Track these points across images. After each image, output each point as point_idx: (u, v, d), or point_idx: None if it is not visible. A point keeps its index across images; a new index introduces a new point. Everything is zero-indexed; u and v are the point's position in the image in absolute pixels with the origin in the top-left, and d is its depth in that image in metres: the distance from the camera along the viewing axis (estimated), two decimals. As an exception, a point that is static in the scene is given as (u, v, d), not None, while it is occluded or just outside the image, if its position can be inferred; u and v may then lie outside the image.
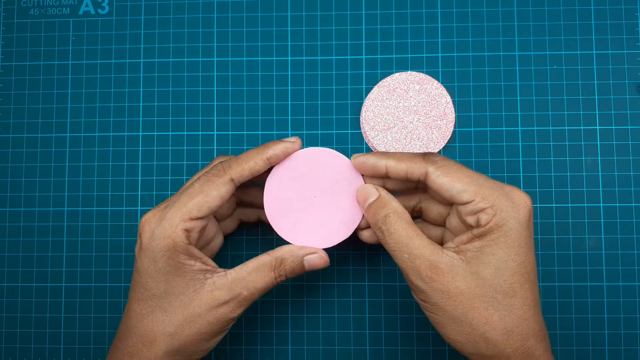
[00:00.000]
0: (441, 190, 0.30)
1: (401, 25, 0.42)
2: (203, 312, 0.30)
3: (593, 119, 0.41)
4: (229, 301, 0.31)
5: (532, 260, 0.30)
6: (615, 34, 0.41)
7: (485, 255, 0.29)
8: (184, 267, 0.30)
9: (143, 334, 0.31)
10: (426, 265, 0.29)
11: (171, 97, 0.42)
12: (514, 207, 0.29)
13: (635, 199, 0.40)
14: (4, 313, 0.41)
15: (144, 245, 0.31)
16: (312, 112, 0.41)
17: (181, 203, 0.31)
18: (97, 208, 0.41)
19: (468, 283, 0.29)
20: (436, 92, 0.41)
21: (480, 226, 0.29)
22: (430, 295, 0.29)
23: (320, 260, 0.33)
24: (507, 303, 0.29)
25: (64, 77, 0.42)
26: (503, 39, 0.41)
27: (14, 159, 0.42)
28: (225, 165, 0.32)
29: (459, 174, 0.30)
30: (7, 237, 0.41)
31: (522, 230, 0.29)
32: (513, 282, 0.29)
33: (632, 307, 0.39)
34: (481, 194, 0.29)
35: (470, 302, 0.29)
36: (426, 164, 0.31)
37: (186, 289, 0.31)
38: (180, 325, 0.30)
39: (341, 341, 0.40)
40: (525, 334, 0.29)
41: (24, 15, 0.43)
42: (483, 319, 0.29)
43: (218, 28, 0.42)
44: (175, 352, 0.31)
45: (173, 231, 0.30)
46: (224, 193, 0.31)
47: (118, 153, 0.42)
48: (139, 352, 0.31)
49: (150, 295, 0.31)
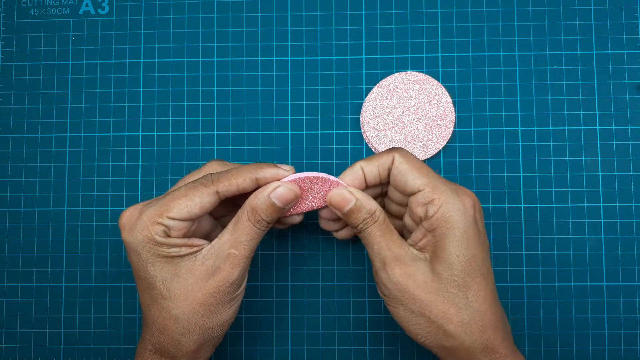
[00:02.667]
0: (399, 175, 0.32)
1: (401, 25, 0.42)
2: (201, 285, 0.31)
3: (593, 119, 0.41)
4: (221, 266, 0.31)
5: (482, 255, 0.31)
6: (615, 34, 0.41)
7: (439, 250, 0.31)
8: (168, 254, 0.31)
9: (155, 323, 0.31)
10: (391, 257, 0.31)
11: (171, 97, 0.42)
12: (461, 202, 0.31)
13: (635, 199, 0.40)
14: (4, 313, 0.41)
15: (125, 239, 0.31)
16: (312, 112, 0.41)
17: (163, 202, 0.31)
18: (97, 208, 0.41)
19: (425, 277, 0.31)
20: (436, 92, 0.41)
21: (428, 217, 0.31)
22: (390, 288, 0.31)
23: (287, 190, 0.32)
24: (462, 297, 0.30)
25: (64, 77, 0.42)
26: (503, 39, 0.41)
27: (14, 159, 0.42)
28: (214, 177, 0.32)
29: (417, 164, 0.32)
30: (7, 237, 0.41)
31: (468, 224, 0.31)
32: (465, 276, 0.30)
33: (632, 307, 0.39)
34: (431, 185, 0.31)
35: (428, 297, 0.30)
36: (393, 152, 0.33)
37: (178, 270, 0.31)
38: (184, 305, 0.31)
39: (341, 341, 0.40)
40: (482, 326, 0.30)
41: (24, 15, 0.43)
42: (440, 312, 0.30)
43: (218, 28, 0.42)
44: (190, 332, 0.31)
45: (150, 224, 0.30)
46: (206, 202, 0.31)
47: (118, 153, 0.42)
48: (159, 340, 0.32)
49: (147, 285, 0.31)
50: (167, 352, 0.32)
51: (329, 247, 0.41)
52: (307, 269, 0.41)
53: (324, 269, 0.41)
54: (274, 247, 0.41)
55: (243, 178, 0.32)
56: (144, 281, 0.31)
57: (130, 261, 0.32)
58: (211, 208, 0.32)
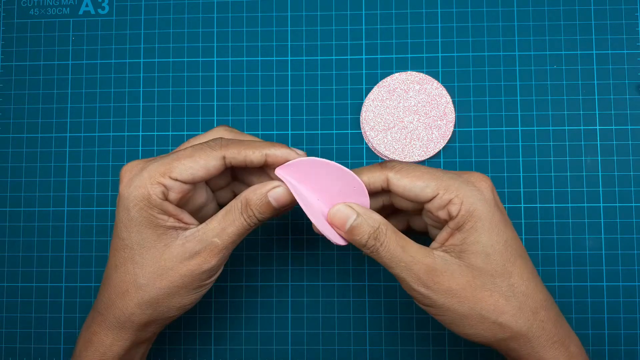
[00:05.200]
0: (405, 192, 0.30)
1: (401, 25, 0.42)
2: (174, 264, 0.30)
3: (593, 119, 0.41)
4: (200, 251, 0.30)
5: (513, 235, 0.30)
6: (615, 34, 0.41)
7: (470, 245, 0.29)
8: (156, 220, 0.30)
9: (116, 285, 0.31)
10: (425, 270, 0.29)
11: (171, 97, 0.42)
12: (477, 190, 0.30)
13: (635, 199, 0.40)
14: (4, 313, 0.41)
15: (121, 192, 0.30)
16: (312, 112, 0.41)
17: (167, 160, 0.30)
18: (97, 208, 0.41)
19: (466, 277, 0.29)
20: (436, 92, 0.41)
21: (453, 217, 0.30)
22: (434, 298, 0.30)
23: (286, 193, 0.31)
24: (507, 284, 0.29)
25: (64, 77, 0.42)
26: (503, 39, 0.41)
27: (14, 159, 0.42)
28: (224, 142, 0.31)
29: (417, 172, 0.30)
30: (7, 237, 0.41)
31: (493, 211, 0.30)
32: (505, 262, 0.30)
33: (632, 307, 0.39)
34: (443, 186, 0.30)
35: (474, 294, 0.29)
36: (385, 171, 0.31)
37: (157, 242, 0.30)
38: (152, 278, 0.30)
39: (341, 341, 0.40)
40: (534, 308, 0.30)
41: (24, 15, 0.43)
42: (491, 306, 0.29)
43: (218, 28, 0.42)
44: (147, 305, 0.30)
45: (150, 182, 0.30)
46: (211, 166, 0.30)
47: (118, 153, 0.42)
48: (113, 303, 0.31)
49: (123, 245, 0.31)
50: (117, 319, 0.31)
51: (328, 247, 0.41)
52: (307, 269, 0.41)
53: (324, 269, 0.41)
54: (274, 247, 0.41)
55: (253, 150, 0.31)
56: (122, 240, 0.31)
57: (117, 216, 0.31)
58: (216, 173, 0.31)
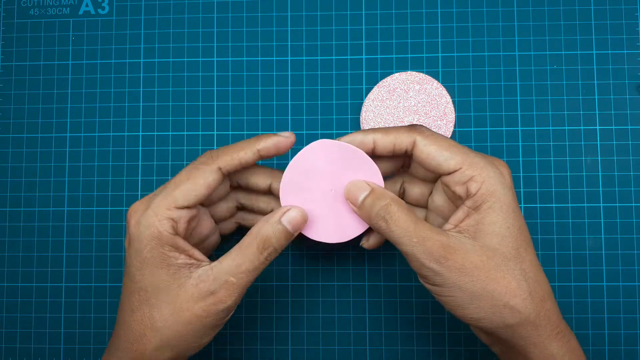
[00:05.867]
0: (428, 159, 0.30)
1: (401, 25, 0.42)
2: (190, 305, 0.30)
3: (593, 119, 0.41)
4: (215, 291, 0.30)
5: (525, 224, 0.30)
6: (615, 34, 0.41)
7: (487, 225, 0.29)
8: (168, 259, 0.30)
9: (133, 329, 0.30)
10: (438, 245, 0.29)
11: (171, 97, 0.42)
12: (500, 174, 0.30)
13: (635, 199, 0.40)
14: (4, 313, 0.41)
15: (131, 234, 0.30)
16: (312, 112, 0.41)
17: (167, 191, 0.30)
18: (97, 208, 0.41)
19: (480, 256, 0.29)
20: (436, 92, 0.41)
21: (471, 195, 0.29)
22: (446, 276, 0.29)
23: (299, 215, 0.31)
24: (519, 269, 0.29)
25: (64, 77, 0.42)
26: (503, 39, 0.41)
27: (14, 159, 0.42)
28: (213, 154, 0.31)
29: (446, 143, 0.30)
30: (7, 237, 0.41)
31: (511, 196, 0.30)
32: (518, 246, 0.29)
33: (632, 307, 0.39)
34: (468, 161, 0.30)
35: (487, 274, 0.29)
36: (413, 133, 0.31)
37: (171, 282, 0.30)
38: (168, 320, 0.30)
39: (341, 341, 0.40)
40: (542, 296, 0.29)
41: (24, 15, 0.43)
42: (503, 288, 0.29)
43: (218, 28, 0.42)
44: (166, 347, 0.30)
45: (158, 220, 0.29)
46: (210, 181, 0.30)
47: (118, 153, 0.42)
48: (130, 347, 0.30)
49: (137, 288, 0.30)
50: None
51: (328, 247, 0.41)
52: (307, 269, 0.41)
53: (324, 269, 0.41)
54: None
55: (244, 151, 0.31)
56: (135, 284, 0.30)
57: (128, 259, 0.31)
58: (216, 186, 0.31)
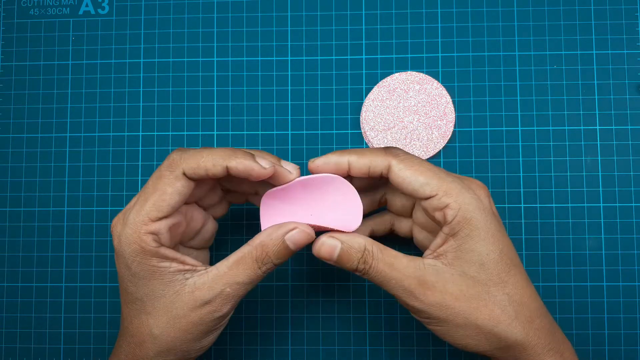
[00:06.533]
0: (404, 184, 0.30)
1: (401, 25, 0.42)
2: (185, 313, 0.29)
3: (593, 119, 0.41)
4: (211, 300, 0.29)
5: (509, 244, 0.30)
6: (615, 34, 0.41)
7: (465, 253, 0.29)
8: (159, 270, 0.29)
9: (133, 335, 0.30)
10: (415, 283, 0.29)
11: (171, 97, 0.42)
12: (477, 198, 0.30)
13: (635, 199, 0.40)
14: (4, 313, 0.41)
15: (116, 250, 0.30)
16: (312, 112, 0.41)
17: (139, 206, 0.29)
18: (97, 208, 0.41)
19: (459, 286, 0.29)
20: (436, 92, 0.41)
21: (448, 222, 0.29)
22: (429, 311, 0.29)
23: (303, 235, 0.30)
24: (502, 294, 0.29)
25: (64, 77, 0.42)
26: (503, 39, 0.41)
27: (14, 159, 0.42)
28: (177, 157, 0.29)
29: (421, 167, 0.30)
30: (7, 237, 0.41)
31: (490, 219, 0.29)
32: (500, 272, 0.29)
33: (632, 307, 0.39)
34: (444, 188, 0.29)
35: (469, 305, 0.29)
36: (388, 157, 0.30)
37: (166, 291, 0.29)
38: (165, 327, 0.30)
39: (341, 341, 0.40)
40: (529, 317, 0.29)
41: (24, 15, 0.43)
42: (486, 316, 0.29)
43: (218, 28, 0.42)
44: (166, 353, 0.30)
45: (138, 237, 0.29)
46: (179, 189, 0.29)
47: (118, 153, 0.42)
48: (133, 353, 0.31)
49: (133, 299, 0.30)
50: None
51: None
52: (307, 269, 0.41)
53: (324, 268, 0.41)
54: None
55: (213, 163, 0.29)
56: (130, 295, 0.30)
57: (119, 272, 0.30)
58: (188, 191, 0.29)
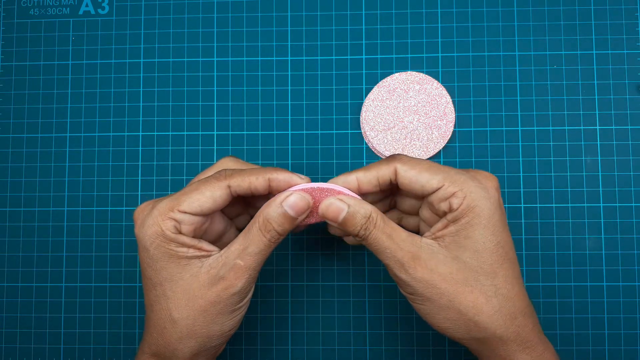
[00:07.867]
0: (411, 183, 0.31)
1: (401, 25, 0.42)
2: (203, 292, 0.30)
3: (593, 119, 0.41)
4: (224, 275, 0.30)
5: (508, 239, 0.30)
6: (615, 34, 0.41)
7: (462, 238, 0.30)
8: (176, 253, 0.30)
9: (155, 323, 0.31)
10: (408, 257, 0.30)
11: (171, 97, 0.42)
12: (483, 188, 0.30)
13: (635, 199, 0.40)
14: (4, 313, 0.41)
15: (136, 233, 0.31)
16: (312, 112, 0.41)
17: (175, 196, 0.31)
18: (97, 208, 0.41)
19: (450, 268, 0.29)
20: (436, 92, 0.41)
21: (453, 210, 0.30)
22: (415, 286, 0.30)
23: (298, 197, 0.31)
24: (490, 284, 0.29)
25: (64, 77, 0.42)
26: (503, 39, 0.41)
27: (14, 159, 0.42)
28: (228, 172, 0.32)
29: (425, 165, 0.31)
30: (7, 237, 0.41)
31: (494, 210, 0.30)
32: (493, 262, 0.30)
33: (632, 307, 0.39)
34: (449, 178, 0.30)
35: (455, 288, 0.29)
36: (393, 163, 0.32)
37: (184, 273, 0.31)
38: (184, 311, 0.30)
39: (341, 341, 0.40)
40: (512, 313, 0.30)
41: (24, 15, 0.43)
42: (470, 303, 0.29)
43: (218, 28, 0.42)
44: (187, 338, 0.31)
45: (162, 219, 0.30)
46: (217, 196, 0.31)
47: (118, 153, 0.42)
48: (156, 341, 0.31)
49: (152, 284, 0.31)
50: (164, 356, 0.31)
51: (329, 247, 0.41)
52: (307, 269, 0.41)
53: (324, 269, 0.41)
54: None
55: (256, 176, 0.31)
56: (150, 280, 0.31)
57: (140, 259, 0.32)
58: (223, 203, 0.31)
